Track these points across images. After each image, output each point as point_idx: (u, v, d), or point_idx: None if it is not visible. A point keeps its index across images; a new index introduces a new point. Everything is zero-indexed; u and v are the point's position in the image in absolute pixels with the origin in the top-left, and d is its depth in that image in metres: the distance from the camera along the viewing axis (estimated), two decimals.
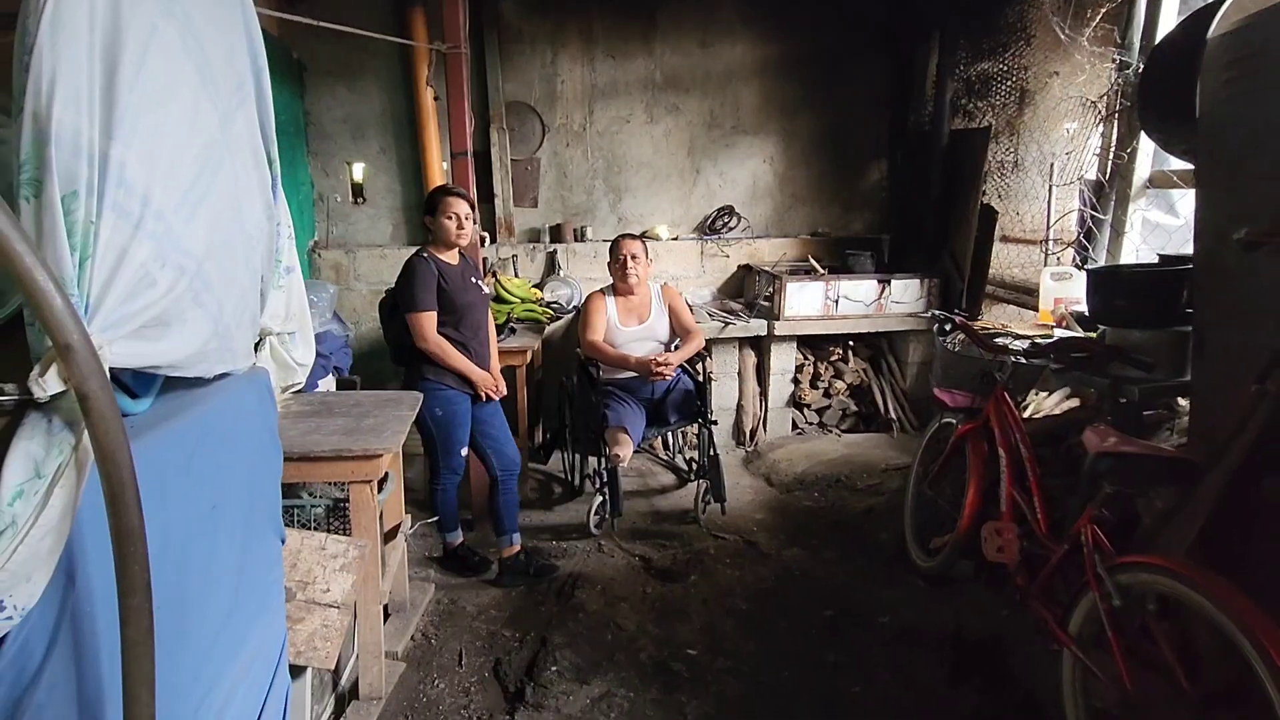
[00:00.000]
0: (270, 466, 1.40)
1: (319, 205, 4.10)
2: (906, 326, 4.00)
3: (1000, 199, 3.80)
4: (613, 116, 4.28)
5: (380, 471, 1.81)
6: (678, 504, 3.38)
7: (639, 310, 3.19)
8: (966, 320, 2.47)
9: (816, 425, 4.18)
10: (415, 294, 2.46)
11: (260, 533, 1.36)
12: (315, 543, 1.78)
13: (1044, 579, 1.97)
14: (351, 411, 2.06)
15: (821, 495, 3.42)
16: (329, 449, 1.75)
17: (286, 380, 1.75)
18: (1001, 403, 2.31)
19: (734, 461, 3.88)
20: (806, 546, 2.94)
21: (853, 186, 4.55)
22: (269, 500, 1.41)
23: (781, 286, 3.85)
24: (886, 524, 3.03)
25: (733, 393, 4.07)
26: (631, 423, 2.97)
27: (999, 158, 3.78)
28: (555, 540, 3.02)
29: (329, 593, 1.73)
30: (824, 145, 4.46)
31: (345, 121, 4.02)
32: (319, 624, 1.69)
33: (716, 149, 4.40)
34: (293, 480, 1.78)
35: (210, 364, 1.05)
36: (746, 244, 4.43)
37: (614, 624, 2.40)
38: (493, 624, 2.41)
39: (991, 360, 2.41)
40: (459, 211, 2.50)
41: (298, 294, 1.78)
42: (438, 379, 2.53)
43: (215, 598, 1.19)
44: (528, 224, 4.32)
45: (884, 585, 2.61)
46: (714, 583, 2.67)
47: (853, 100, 4.40)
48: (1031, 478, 2.12)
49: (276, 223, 1.51)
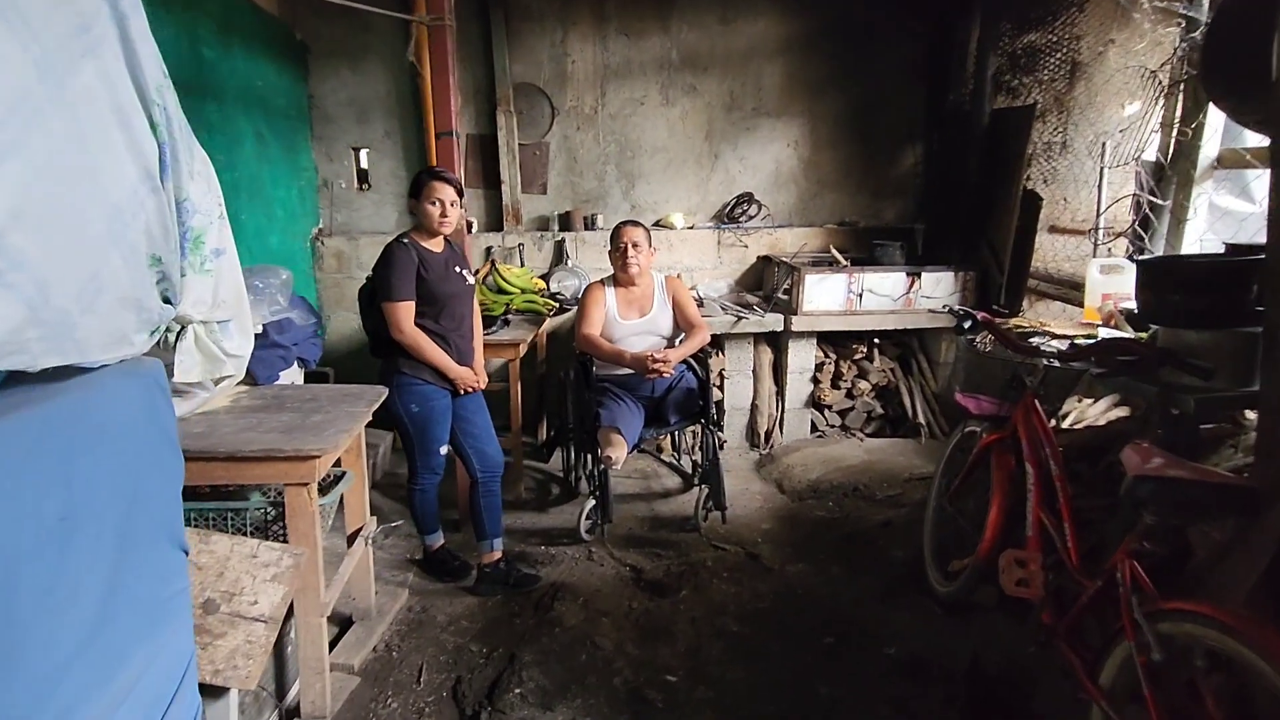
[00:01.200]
0: (162, 470, 1.25)
1: (323, 192, 4.00)
2: (939, 323, 3.68)
3: (1046, 184, 3.45)
4: (626, 98, 4.06)
5: (317, 475, 1.65)
6: (679, 509, 3.17)
7: (640, 302, 2.98)
8: (991, 317, 2.18)
9: (838, 428, 3.91)
10: (392, 282, 2.30)
11: (145, 544, 1.21)
12: (246, 550, 1.64)
13: (1074, 618, 1.70)
14: (303, 407, 1.91)
15: (836, 505, 3.16)
16: (259, 448, 1.60)
17: (215, 372, 1.61)
18: (1031, 411, 2.02)
19: (745, 465, 3.65)
20: (813, 561, 2.69)
21: (883, 172, 4.24)
22: (161, 507, 1.26)
23: (800, 279, 3.59)
24: (904, 540, 2.76)
25: (747, 392, 3.83)
26: (626, 423, 2.77)
27: (1045, 138, 3.43)
28: (544, 545, 2.85)
29: (256, 605, 1.59)
30: (853, 127, 4.16)
31: (349, 104, 3.91)
32: (242, 640, 1.55)
33: (736, 132, 4.15)
34: (221, 482, 1.64)
35: (29, 356, 0.90)
36: (767, 234, 4.16)
37: (591, 642, 2.21)
38: (461, 636, 2.25)
39: (1021, 363, 2.13)
40: (443, 197, 2.33)
41: (230, 279, 1.63)
42: (414, 373, 2.37)
43: (67, 617, 1.04)
44: (536, 211, 4.15)
45: (894, 609, 2.36)
46: (706, 599, 2.46)
47: (884, 78, 4.08)
48: (1062, 499, 1.83)
49: (182, 199, 1.36)
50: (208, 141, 2.91)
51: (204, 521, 1.70)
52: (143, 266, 1.20)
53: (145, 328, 1.27)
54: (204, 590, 1.58)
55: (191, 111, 2.82)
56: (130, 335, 1.16)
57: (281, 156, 3.57)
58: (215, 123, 2.95)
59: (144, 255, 1.21)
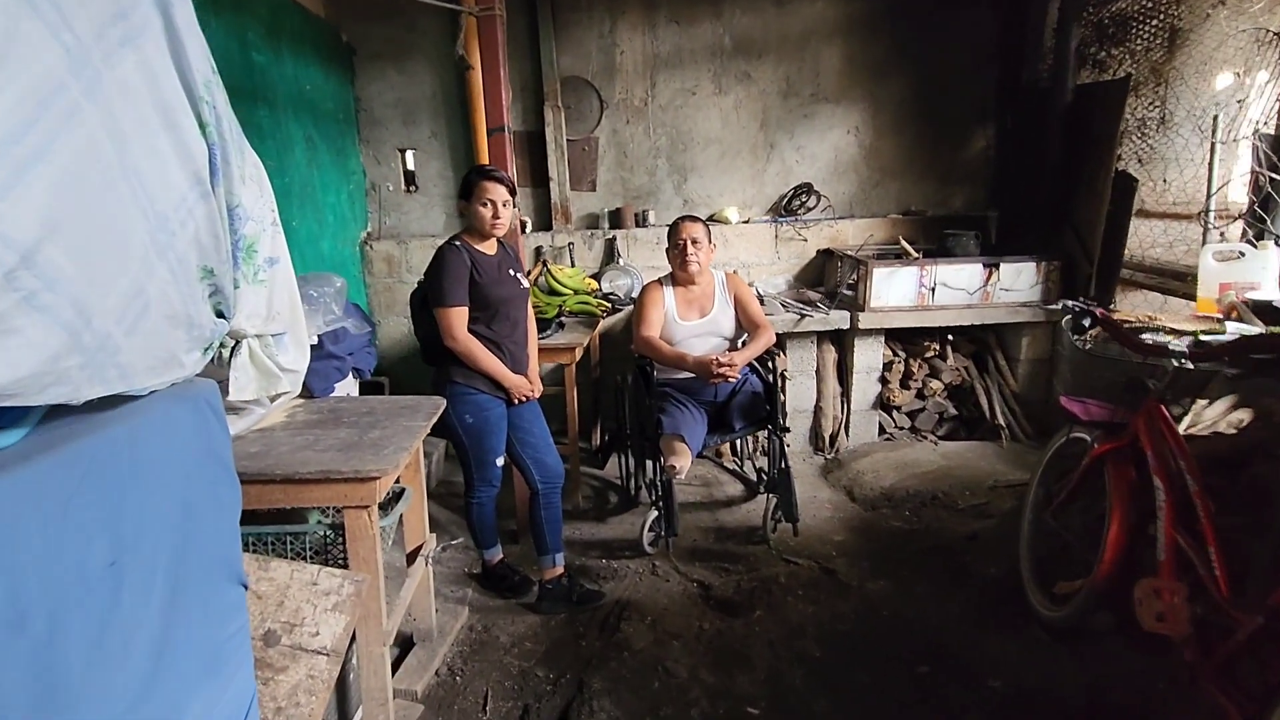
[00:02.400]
0: (218, 500, 1.15)
1: (371, 195, 3.95)
2: (1019, 318, 3.42)
3: (1140, 164, 3.16)
4: (677, 89, 3.90)
5: (378, 496, 1.55)
6: (745, 519, 3.00)
7: (700, 302, 2.82)
8: (1108, 313, 1.95)
9: (908, 430, 3.68)
10: (444, 286, 2.20)
11: (201, 583, 1.11)
12: (306, 576, 1.54)
13: (1226, 657, 1.48)
14: (361, 421, 1.82)
15: (914, 515, 2.94)
16: (315, 469, 1.50)
17: (271, 389, 1.52)
18: (1157, 419, 1.80)
19: (810, 471, 3.46)
20: (895, 578, 2.50)
21: (952, 157, 3.98)
22: (217, 541, 1.16)
23: (867, 273, 3.38)
24: (995, 555, 2.54)
25: (810, 393, 3.63)
26: (690, 430, 2.61)
27: (1139, 113, 3.14)
28: (605, 558, 2.72)
29: (318, 636, 1.49)
30: (918, 110, 3.91)
31: (396, 106, 3.85)
32: (304, 675, 1.45)
33: (793, 120, 3.94)
34: (279, 505, 1.55)
35: (71, 386, 0.79)
36: (827, 226, 3.95)
37: (663, 667, 2.07)
38: (526, 659, 2.14)
39: (1144, 364, 1.90)
40: (495, 198, 2.22)
41: (284, 289, 1.53)
42: (467, 382, 2.26)
43: (120, 671, 0.94)
44: (585, 209, 4.02)
45: (991, 634, 2.15)
46: (782, 619, 2.29)
47: (951, 57, 3.82)
48: (1204, 520, 1.61)
49: (234, 204, 1.26)
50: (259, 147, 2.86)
51: (262, 546, 1.61)
52: (193, 280, 1.10)
53: (197, 346, 1.16)
54: (264, 621, 1.49)
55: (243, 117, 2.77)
56: (180, 355, 1.05)
57: (331, 161, 3.53)
58: (267, 128, 2.90)
59: (194, 267, 1.11)
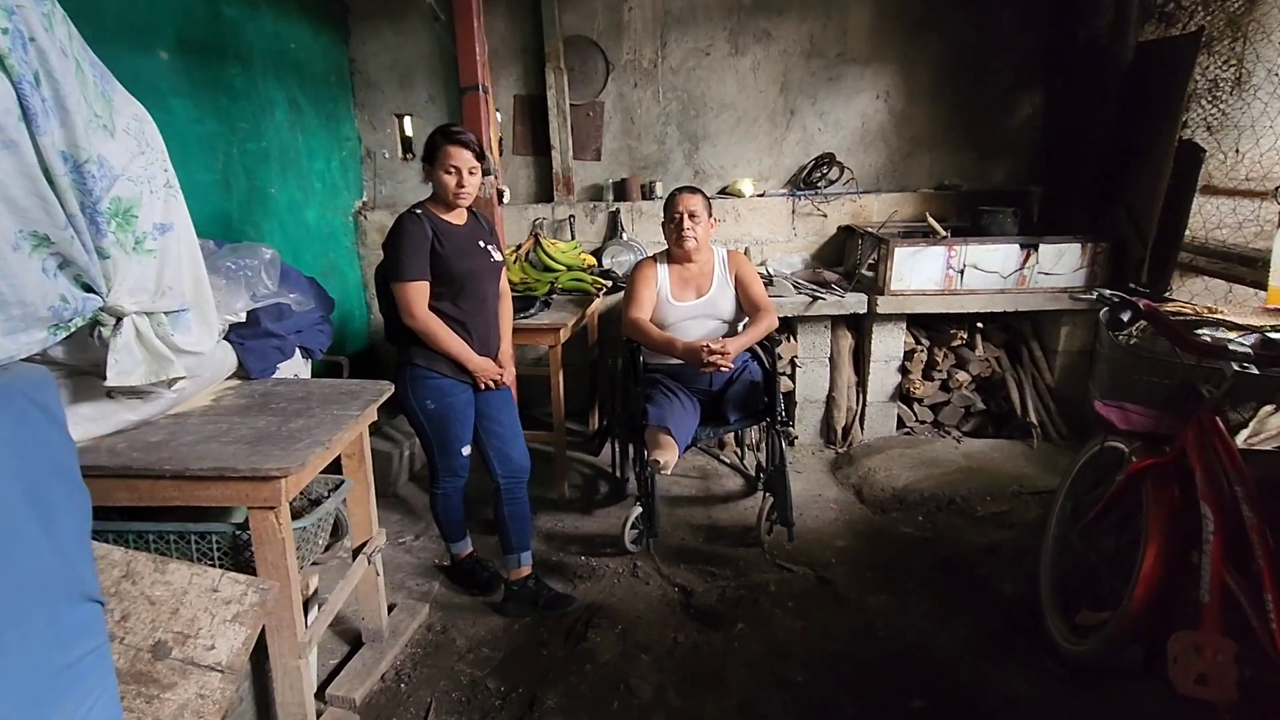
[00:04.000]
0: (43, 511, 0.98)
1: (366, 163, 3.78)
2: (1059, 305, 3.08)
3: (1209, 132, 2.77)
4: (689, 49, 3.60)
5: (284, 496, 1.37)
6: (740, 518, 2.78)
7: (698, 281, 2.57)
8: (1156, 306, 1.65)
9: (930, 425, 3.39)
10: (401, 259, 2.00)
11: (23, 605, 0.95)
12: (207, 582, 1.39)
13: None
14: (289, 408, 1.65)
15: (927, 520, 2.68)
16: (211, 466, 1.33)
17: (163, 373, 1.35)
18: (1210, 432, 1.50)
19: (819, 466, 3.20)
20: (898, 592, 2.25)
21: (992, 125, 3.61)
22: (53, 556, 0.99)
23: (888, 253, 3.07)
24: (1013, 572, 2.28)
25: (822, 382, 3.36)
26: (678, 421, 2.39)
27: (1211, 74, 2.74)
28: (585, 555, 2.53)
29: (213, 650, 1.33)
30: (956, 73, 3.54)
31: (392, 68, 3.65)
32: (194, 693, 1.30)
33: (816, 84, 3.62)
34: (173, 503, 1.39)
35: None
36: (850, 200, 3.64)
37: (626, 685, 1.88)
38: (480, 668, 1.97)
39: (1197, 366, 1.59)
40: (459, 164, 2.00)
41: (181, 259, 1.36)
42: (429, 365, 2.08)
43: None
44: (589, 179, 3.78)
45: (1002, 665, 1.90)
46: (767, 635, 2.07)
47: (997, 13, 3.44)
48: (1261, 558, 1.33)
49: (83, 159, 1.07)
50: (231, 108, 2.72)
51: (165, 545, 1.46)
52: (2, 249, 0.92)
53: (22, 327, 0.99)
54: (155, 630, 1.34)
55: (209, 75, 2.60)
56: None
57: (320, 125, 3.36)
58: (240, 87, 2.73)
59: (6, 234, 0.93)
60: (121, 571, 1.37)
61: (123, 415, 1.45)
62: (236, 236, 2.65)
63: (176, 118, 2.38)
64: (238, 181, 2.70)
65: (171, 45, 2.35)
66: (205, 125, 2.53)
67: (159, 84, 2.31)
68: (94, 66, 1.13)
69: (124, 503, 1.39)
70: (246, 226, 2.74)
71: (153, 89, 2.27)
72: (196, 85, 2.48)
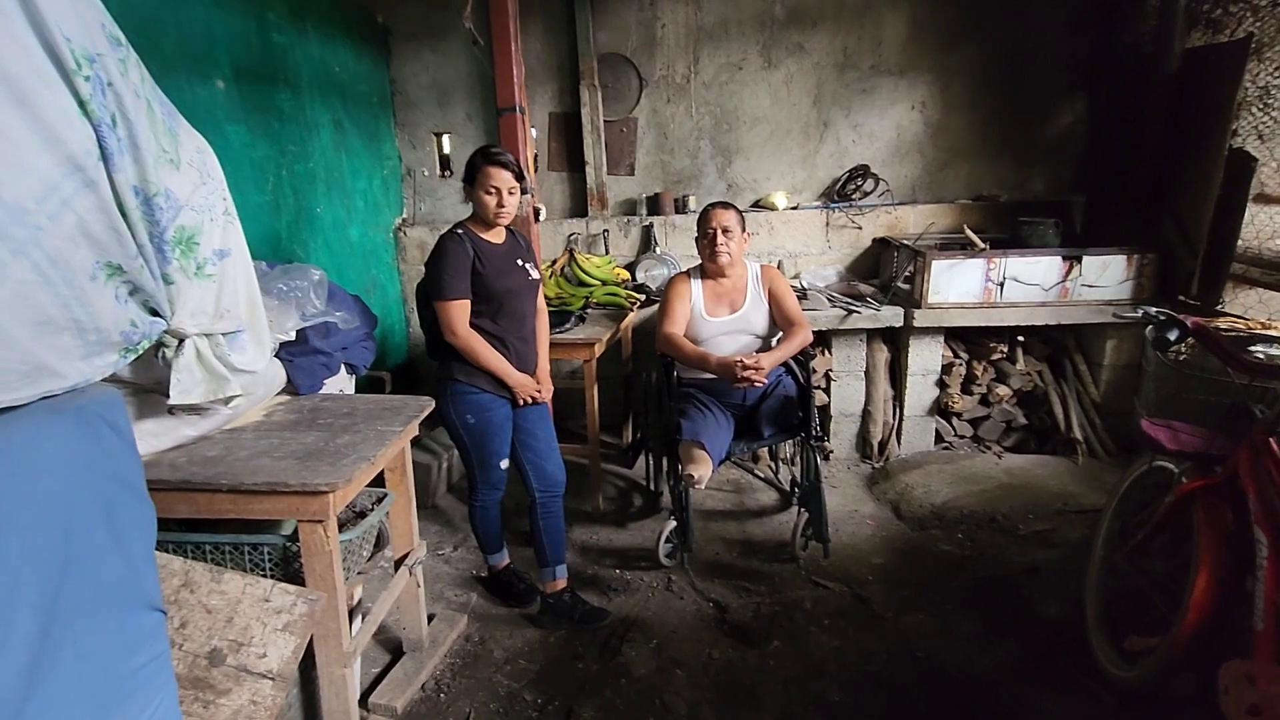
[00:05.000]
0: (112, 523, 1.04)
1: (406, 181, 3.89)
2: (1103, 318, 3.01)
3: (1261, 140, 2.69)
4: (722, 63, 3.63)
5: (333, 510, 1.42)
6: (775, 533, 2.77)
7: (731, 296, 2.58)
8: (1205, 324, 1.60)
9: (969, 439, 3.33)
10: (443, 278, 2.06)
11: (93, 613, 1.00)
12: (259, 592, 1.45)
13: None
14: (336, 423, 1.70)
15: (967, 538, 2.63)
16: (263, 481, 1.39)
17: (220, 392, 1.41)
18: (1264, 455, 1.46)
19: (854, 481, 3.17)
20: (938, 613, 2.22)
21: (1032, 135, 3.55)
22: (121, 567, 1.05)
23: (925, 265, 3.04)
24: (1058, 594, 2.22)
25: (858, 395, 3.33)
26: (712, 436, 2.39)
27: (1262, 80, 2.66)
28: (620, 568, 2.55)
29: (265, 658, 1.39)
30: (994, 83, 3.50)
31: (431, 88, 3.75)
32: (247, 699, 1.35)
33: (850, 96, 3.61)
34: (228, 515, 1.45)
35: None
36: (885, 212, 3.61)
37: (661, 701, 1.89)
38: (517, 679, 2.00)
39: (1249, 385, 1.55)
40: (499, 184, 2.05)
41: (237, 283, 1.42)
42: (469, 380, 2.13)
43: None
44: (623, 194, 3.83)
45: (1046, 690, 1.85)
46: (802, 653, 2.06)
47: (1038, 19, 3.39)
48: None
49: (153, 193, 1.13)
50: (281, 132, 2.84)
51: (220, 556, 1.52)
52: (81, 279, 0.98)
53: (100, 351, 1.05)
54: (211, 638, 1.40)
55: (260, 100, 2.72)
56: (56, 365, 0.94)
57: (362, 145, 3.47)
58: (289, 111, 2.84)
59: (85, 266, 0.99)
60: (181, 581, 1.43)
61: (183, 431, 1.52)
62: (285, 255, 2.75)
63: (232, 143, 2.49)
64: (286, 202, 2.81)
65: (228, 74, 2.46)
66: (258, 150, 2.64)
67: (216, 112, 2.42)
68: (163, 105, 1.20)
69: (183, 515, 1.46)
70: (294, 245, 2.84)
71: (210, 117, 2.38)
72: (249, 111, 2.59)
